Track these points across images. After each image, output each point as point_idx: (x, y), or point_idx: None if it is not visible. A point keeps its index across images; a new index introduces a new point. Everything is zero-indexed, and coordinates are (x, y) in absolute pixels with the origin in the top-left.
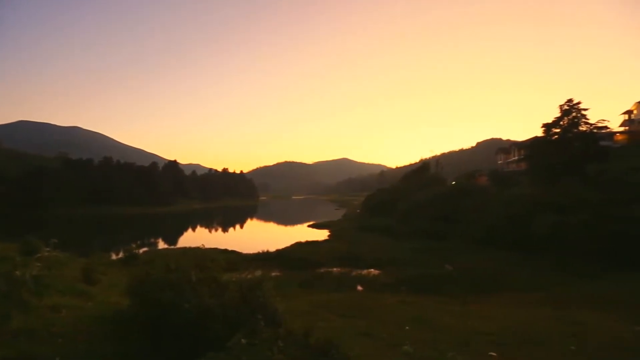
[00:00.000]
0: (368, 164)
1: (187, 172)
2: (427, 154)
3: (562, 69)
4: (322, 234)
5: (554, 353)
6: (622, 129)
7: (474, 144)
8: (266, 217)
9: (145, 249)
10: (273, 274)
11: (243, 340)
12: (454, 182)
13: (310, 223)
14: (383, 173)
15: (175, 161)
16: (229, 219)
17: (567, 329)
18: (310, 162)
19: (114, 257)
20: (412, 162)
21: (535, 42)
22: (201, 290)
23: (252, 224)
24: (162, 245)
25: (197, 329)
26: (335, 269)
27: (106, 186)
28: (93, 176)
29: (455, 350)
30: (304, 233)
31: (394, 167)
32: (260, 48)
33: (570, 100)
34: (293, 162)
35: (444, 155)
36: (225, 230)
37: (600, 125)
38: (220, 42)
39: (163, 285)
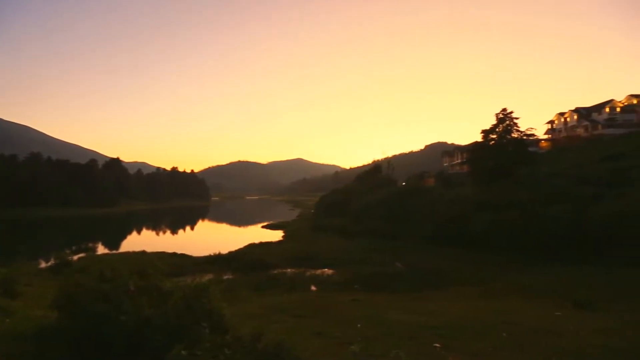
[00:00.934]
0: (323, 165)
1: (132, 171)
2: (379, 156)
3: (502, 77)
4: (277, 235)
5: (488, 340)
6: (546, 136)
7: (422, 147)
8: (219, 218)
9: (80, 255)
10: (225, 277)
11: (183, 352)
12: (404, 183)
13: (265, 224)
14: (337, 173)
15: (117, 159)
16: (178, 221)
17: (500, 318)
18: (265, 162)
19: (42, 265)
20: (366, 163)
21: (476, 52)
22: (140, 300)
23: (203, 226)
24: (101, 250)
25: (134, 342)
26: (289, 269)
27: (33, 186)
28: (17, 174)
29: (403, 343)
30: (258, 234)
31: (348, 167)
32: (213, 44)
33: (504, 110)
34: (247, 162)
35: (395, 157)
36: (174, 232)
37: (528, 132)
38: (171, 35)
39: (96, 296)
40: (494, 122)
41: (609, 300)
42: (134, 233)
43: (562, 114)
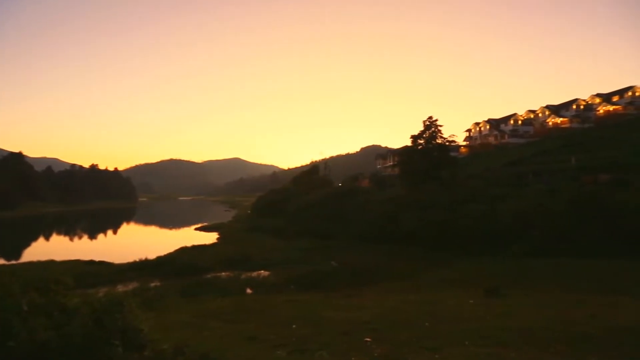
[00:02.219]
0: (261, 165)
1: (40, 168)
2: (317, 157)
3: (430, 87)
4: (211, 237)
5: (413, 331)
6: (464, 143)
7: (358, 149)
8: (147, 220)
9: None
10: (152, 284)
11: None
12: (340, 184)
13: (198, 226)
14: (275, 174)
15: (20, 153)
16: (99, 224)
17: (424, 309)
18: (200, 161)
19: None
20: (304, 163)
21: (408, 61)
22: (35, 321)
23: (129, 229)
24: None
25: None
26: (223, 273)
27: None
28: None
29: (336, 340)
30: (191, 237)
31: (286, 168)
32: (143, 32)
33: (430, 117)
34: (180, 161)
35: (332, 158)
36: (92, 237)
37: (450, 139)
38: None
39: None
40: (422, 128)
41: (511, 287)
42: (41, 239)
43: (477, 123)
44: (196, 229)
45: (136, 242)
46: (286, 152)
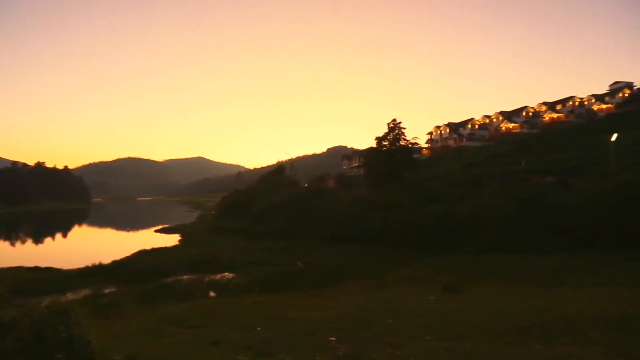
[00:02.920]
0: (225, 164)
1: None
2: (283, 157)
3: (395, 89)
4: (172, 239)
5: (377, 328)
6: (426, 145)
7: (325, 150)
8: (101, 222)
9: None
10: (107, 290)
11: None
12: (306, 185)
13: (159, 227)
14: (241, 174)
15: None
16: (44, 227)
17: (388, 306)
18: (161, 160)
19: None
20: (270, 163)
21: (375, 64)
22: None
23: (80, 232)
24: None
25: None
26: (185, 276)
27: None
28: None
29: (301, 341)
30: (151, 239)
31: (252, 168)
32: (104, 27)
33: (394, 120)
34: (139, 159)
35: (298, 158)
36: (38, 242)
37: (413, 141)
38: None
39: None
40: (386, 130)
41: (468, 282)
42: None
43: (438, 127)
44: (156, 230)
45: (89, 246)
46: (252, 152)
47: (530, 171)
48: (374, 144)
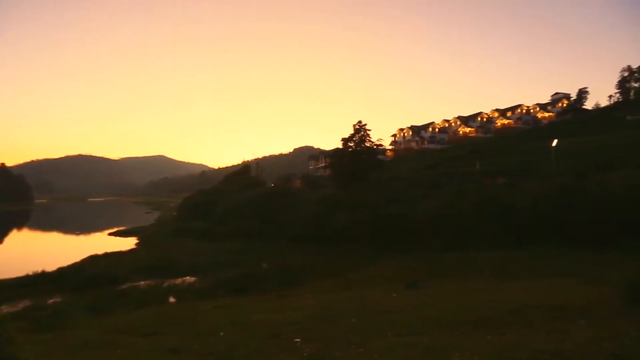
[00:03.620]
0: (188, 163)
1: None
2: (249, 156)
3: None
4: (128, 243)
5: (341, 327)
6: (390, 147)
7: (291, 150)
8: (46, 225)
9: None
10: (51, 301)
11: None
12: (272, 185)
13: (113, 230)
14: (205, 173)
15: None
16: None
17: (353, 305)
18: (116, 158)
19: None
20: (235, 163)
21: (342, 66)
22: None
23: (20, 237)
24: None
25: None
26: (142, 282)
27: None
28: None
29: (265, 344)
30: (103, 243)
31: (216, 167)
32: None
33: (360, 122)
34: (91, 157)
35: (265, 158)
36: None
37: (378, 143)
38: None
39: None
40: (352, 132)
41: (428, 279)
42: None
43: (402, 129)
44: (110, 234)
45: (30, 252)
46: (216, 151)
47: (484, 173)
48: (340, 145)
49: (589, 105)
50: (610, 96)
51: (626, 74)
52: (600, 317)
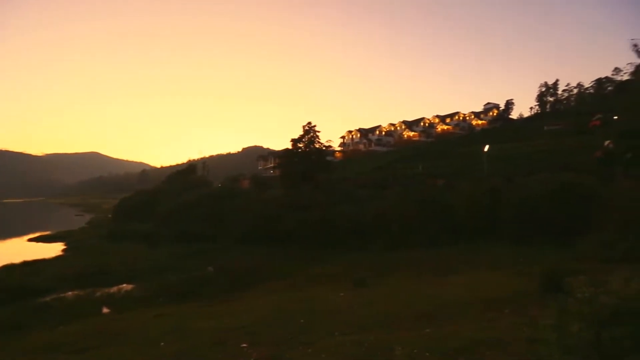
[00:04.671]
0: (126, 162)
1: None
2: (195, 155)
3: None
4: (54, 249)
5: (291, 328)
6: (339, 148)
7: (240, 149)
8: None
9: None
10: None
11: None
12: (220, 185)
13: (35, 235)
14: (145, 172)
15: None
16: None
17: (301, 306)
18: (40, 154)
19: None
20: (179, 162)
21: (291, 66)
22: None
23: None
24: None
25: None
26: (70, 292)
27: None
28: None
29: (210, 351)
30: (22, 250)
31: (158, 166)
32: None
33: (309, 123)
34: (7, 152)
35: (212, 157)
36: None
37: (327, 144)
38: None
39: None
40: (302, 132)
41: (374, 278)
42: None
43: (350, 131)
44: (31, 239)
45: None
46: (159, 149)
47: (426, 175)
48: (289, 146)
49: (514, 115)
50: (531, 108)
51: (544, 89)
52: (521, 305)
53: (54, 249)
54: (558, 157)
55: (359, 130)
